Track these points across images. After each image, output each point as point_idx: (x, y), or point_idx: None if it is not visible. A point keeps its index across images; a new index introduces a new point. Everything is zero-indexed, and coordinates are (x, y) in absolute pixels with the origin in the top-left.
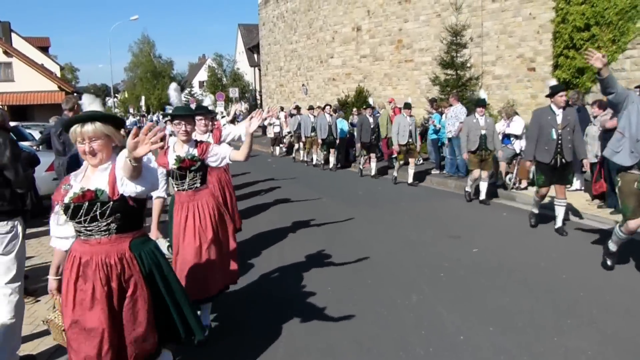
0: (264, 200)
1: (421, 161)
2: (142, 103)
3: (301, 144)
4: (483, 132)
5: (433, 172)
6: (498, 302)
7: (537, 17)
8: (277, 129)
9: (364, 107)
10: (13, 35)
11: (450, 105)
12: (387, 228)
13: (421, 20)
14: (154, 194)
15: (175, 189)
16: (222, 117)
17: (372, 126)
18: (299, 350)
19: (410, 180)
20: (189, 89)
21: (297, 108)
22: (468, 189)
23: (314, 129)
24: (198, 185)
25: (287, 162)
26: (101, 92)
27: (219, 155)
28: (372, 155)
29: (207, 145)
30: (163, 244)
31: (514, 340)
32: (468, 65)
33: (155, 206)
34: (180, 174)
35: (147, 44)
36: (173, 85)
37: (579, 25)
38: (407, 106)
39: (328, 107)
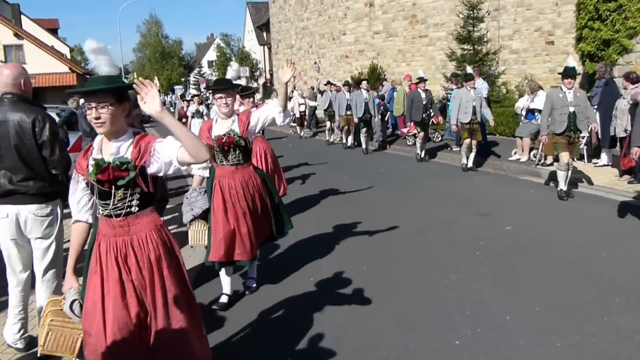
0: (298, 184)
1: (440, 138)
2: (156, 83)
3: (334, 123)
4: (572, 109)
5: (454, 149)
6: (539, 280)
7: None
8: (302, 108)
9: (414, 81)
10: (23, 17)
11: None
12: (414, 206)
13: None
14: (74, 216)
15: (100, 213)
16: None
17: (424, 102)
18: (342, 332)
19: (470, 164)
20: (198, 69)
21: (329, 84)
22: (563, 186)
23: (349, 107)
24: (134, 209)
25: (316, 144)
26: None
27: (162, 159)
28: (422, 134)
29: (149, 142)
30: (70, 298)
31: (562, 320)
32: (485, 39)
33: (74, 236)
34: (102, 190)
35: (155, 24)
36: (92, 44)
37: None
38: (470, 77)
39: (365, 82)
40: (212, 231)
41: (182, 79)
